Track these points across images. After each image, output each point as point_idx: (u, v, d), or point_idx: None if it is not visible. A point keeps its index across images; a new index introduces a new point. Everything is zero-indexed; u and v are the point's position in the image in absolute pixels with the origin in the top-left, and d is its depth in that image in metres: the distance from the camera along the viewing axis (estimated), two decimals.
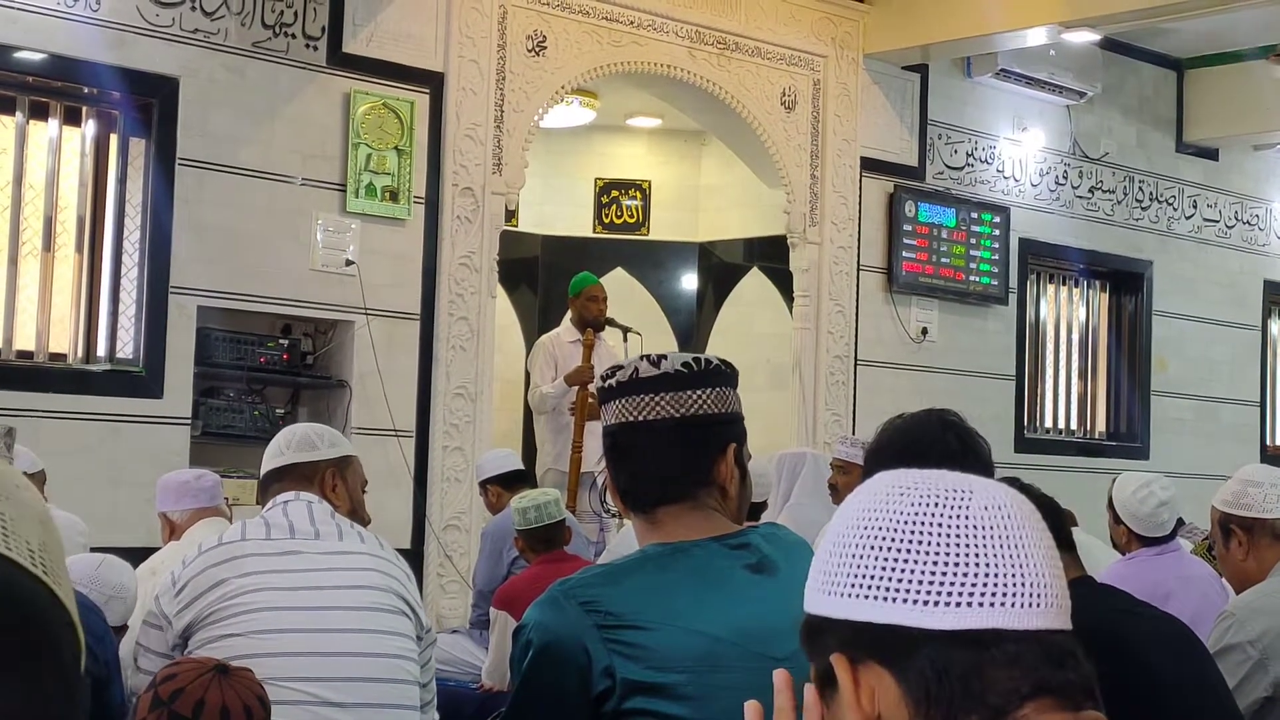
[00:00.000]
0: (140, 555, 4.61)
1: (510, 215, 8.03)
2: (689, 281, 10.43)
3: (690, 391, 2.17)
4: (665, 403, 2.17)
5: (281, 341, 7.19)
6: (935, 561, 1.09)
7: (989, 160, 9.94)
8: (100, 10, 6.53)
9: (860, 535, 1.13)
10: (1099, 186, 10.57)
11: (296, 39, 7.10)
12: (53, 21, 6.43)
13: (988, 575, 1.09)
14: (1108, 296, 10.94)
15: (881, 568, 1.10)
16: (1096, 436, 10.82)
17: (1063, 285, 10.68)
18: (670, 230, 10.42)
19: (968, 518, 1.11)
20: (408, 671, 3.07)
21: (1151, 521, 4.59)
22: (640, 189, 10.51)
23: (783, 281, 9.33)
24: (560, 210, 10.36)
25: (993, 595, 1.08)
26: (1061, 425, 10.65)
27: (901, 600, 1.09)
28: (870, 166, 9.23)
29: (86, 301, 6.75)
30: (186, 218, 6.77)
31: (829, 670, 1.13)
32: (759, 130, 8.73)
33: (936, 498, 1.12)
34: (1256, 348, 11.65)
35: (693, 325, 10.29)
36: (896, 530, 1.11)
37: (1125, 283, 10.91)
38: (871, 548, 1.11)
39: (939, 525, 1.10)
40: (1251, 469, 3.73)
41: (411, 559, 6.89)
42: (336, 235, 7.18)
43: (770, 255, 9.55)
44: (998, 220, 9.83)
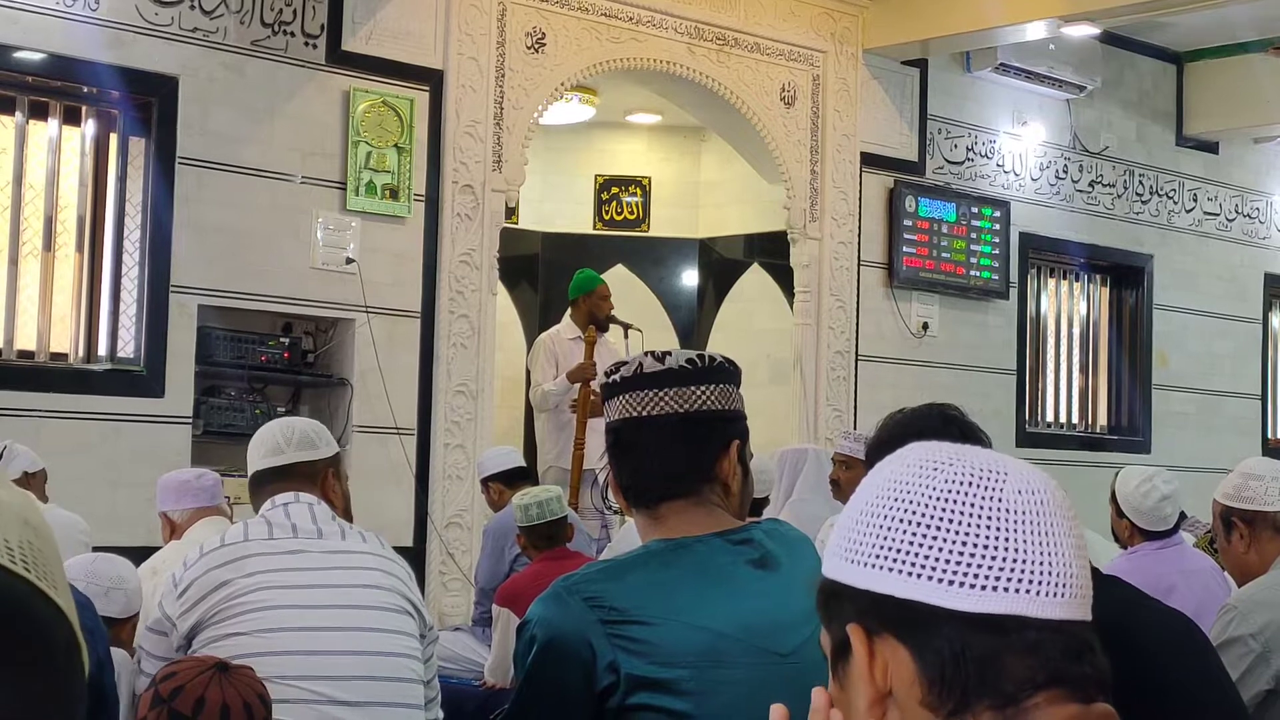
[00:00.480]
0: (141, 555, 4.60)
1: (510, 212, 8.03)
2: (689, 278, 10.42)
3: (694, 387, 2.18)
4: (669, 398, 2.17)
5: (282, 340, 7.19)
6: (964, 541, 1.08)
7: (989, 155, 9.93)
8: (99, 10, 6.53)
9: (889, 506, 1.11)
10: (1099, 180, 10.57)
11: (296, 37, 7.09)
12: (52, 21, 6.43)
13: (1015, 560, 1.08)
14: (1108, 290, 10.94)
15: (909, 542, 1.09)
16: (1098, 430, 10.82)
17: (1063, 279, 10.67)
18: (670, 226, 10.42)
19: (1000, 500, 1.10)
20: (413, 670, 3.07)
21: (1154, 515, 4.59)
22: (640, 185, 10.51)
23: (783, 277, 9.32)
24: (560, 207, 10.36)
25: (1018, 581, 1.08)
26: (1063, 419, 10.65)
27: (926, 577, 1.08)
28: (870, 161, 9.22)
29: (87, 301, 6.75)
30: (187, 217, 6.76)
31: (844, 640, 1.13)
32: (759, 126, 8.73)
33: (971, 476, 1.11)
34: (1257, 341, 11.64)
35: (693, 321, 10.29)
36: (927, 506, 1.10)
37: (1126, 276, 10.91)
38: (900, 520, 1.10)
39: (971, 505, 1.09)
40: (1253, 462, 3.73)
41: (413, 557, 6.89)
42: (337, 233, 7.18)
43: (771, 251, 9.55)
44: (998, 215, 9.83)
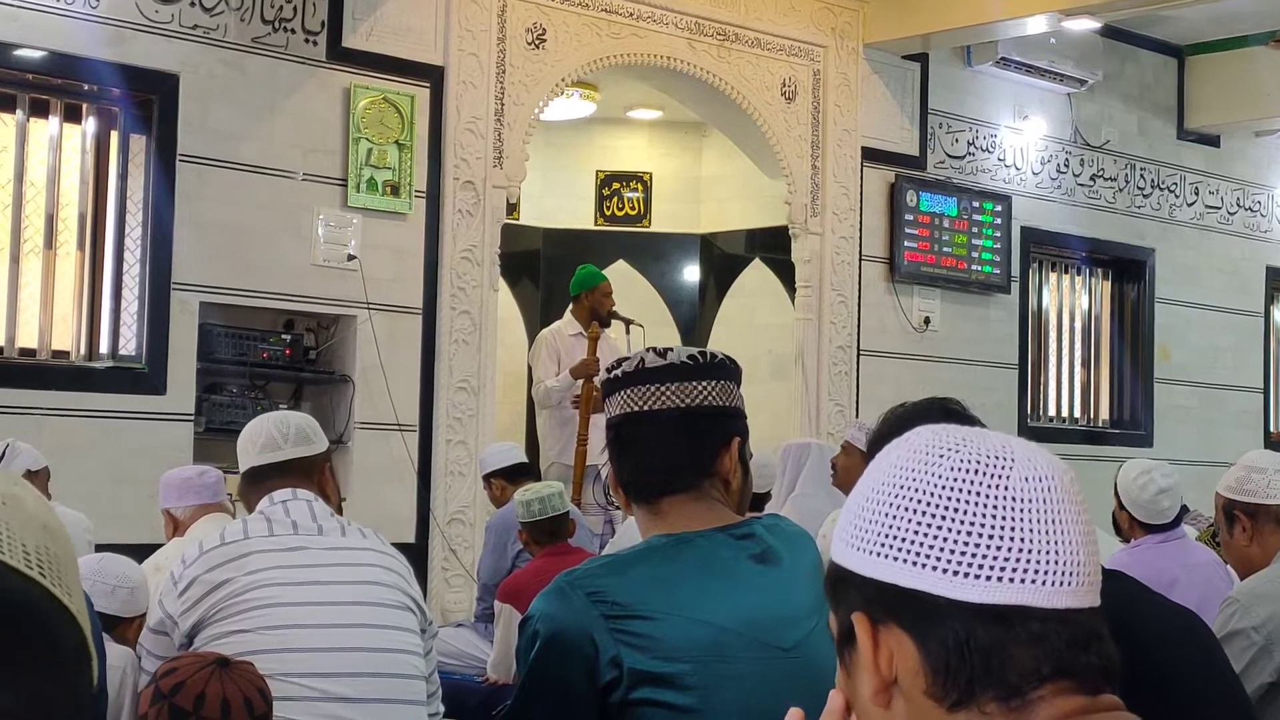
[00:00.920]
0: (144, 552, 4.61)
1: (511, 208, 8.03)
2: (691, 273, 10.42)
3: (695, 383, 2.18)
4: (670, 393, 2.17)
5: (284, 337, 7.19)
6: (969, 531, 1.08)
7: (990, 149, 9.93)
8: (99, 7, 6.53)
9: (895, 494, 1.11)
10: (1100, 174, 10.56)
11: (296, 34, 7.09)
12: (52, 19, 6.42)
13: (1021, 550, 1.07)
14: (1110, 284, 10.94)
15: (914, 531, 1.09)
16: (1100, 424, 10.82)
17: (1065, 273, 10.67)
18: (671, 222, 10.42)
19: (1007, 488, 1.09)
20: (415, 666, 3.08)
21: (1153, 508, 4.59)
22: (641, 181, 10.50)
23: (784, 272, 9.33)
24: (561, 203, 10.35)
25: (1024, 571, 1.07)
26: (1065, 413, 10.65)
27: (931, 568, 1.08)
28: (871, 156, 9.22)
29: (89, 298, 6.75)
30: (188, 214, 6.76)
31: (849, 628, 1.13)
32: (759, 121, 8.72)
33: (977, 464, 1.10)
34: (1259, 334, 11.64)
35: (695, 317, 10.29)
36: (933, 494, 1.09)
37: (1127, 270, 10.90)
38: (905, 509, 1.10)
39: (977, 494, 1.09)
40: (1255, 455, 3.73)
41: (416, 553, 6.89)
42: (338, 230, 7.18)
43: (772, 246, 9.55)
44: (999, 209, 9.82)
